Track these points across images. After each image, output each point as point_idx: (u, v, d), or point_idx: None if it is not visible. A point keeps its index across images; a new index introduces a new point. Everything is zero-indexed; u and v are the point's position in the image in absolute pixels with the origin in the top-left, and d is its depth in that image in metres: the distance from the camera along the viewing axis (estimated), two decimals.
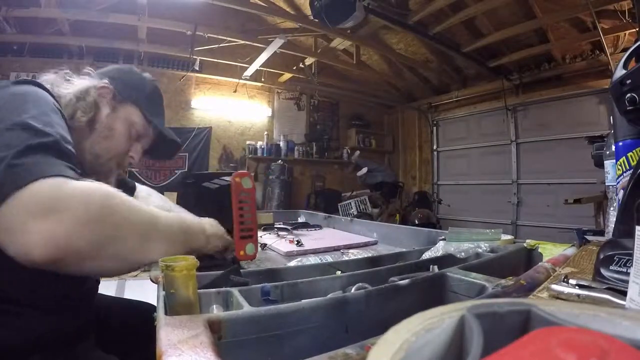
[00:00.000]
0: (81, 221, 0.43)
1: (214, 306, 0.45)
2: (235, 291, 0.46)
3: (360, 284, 0.54)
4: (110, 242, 0.46)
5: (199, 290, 0.44)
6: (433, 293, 0.55)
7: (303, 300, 0.42)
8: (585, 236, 0.81)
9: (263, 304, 0.47)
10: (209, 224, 0.69)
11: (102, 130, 0.75)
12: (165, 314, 0.39)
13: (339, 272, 0.64)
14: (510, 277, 0.53)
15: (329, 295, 0.48)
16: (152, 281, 0.53)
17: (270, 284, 0.51)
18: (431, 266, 0.67)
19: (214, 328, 0.35)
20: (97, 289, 0.82)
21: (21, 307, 0.57)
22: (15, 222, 0.41)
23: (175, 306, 0.40)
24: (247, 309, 0.40)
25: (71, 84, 0.75)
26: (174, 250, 0.56)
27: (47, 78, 0.74)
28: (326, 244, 1.16)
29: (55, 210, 0.42)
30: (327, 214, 1.84)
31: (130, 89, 0.81)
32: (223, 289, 0.47)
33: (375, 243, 1.25)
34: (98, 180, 0.56)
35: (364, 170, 5.58)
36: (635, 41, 0.53)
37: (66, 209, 0.42)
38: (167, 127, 0.89)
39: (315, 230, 1.53)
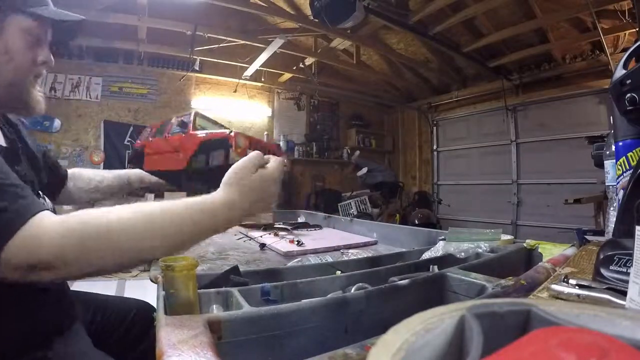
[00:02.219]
0: (68, 268, 0.45)
1: (214, 306, 0.45)
2: (235, 291, 0.46)
3: (360, 284, 0.54)
4: (101, 257, 0.46)
5: (198, 290, 0.44)
6: (433, 293, 0.55)
7: (303, 301, 0.42)
8: (585, 236, 0.81)
9: (263, 304, 0.47)
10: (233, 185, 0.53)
11: None
12: (165, 314, 0.38)
13: (338, 272, 0.64)
14: (511, 277, 0.53)
15: (328, 296, 0.48)
16: (152, 281, 0.53)
17: (270, 284, 0.51)
18: (431, 266, 0.66)
19: (214, 328, 0.35)
20: (68, 285, 0.79)
21: None
22: (6, 275, 0.43)
23: (175, 306, 0.40)
24: (246, 309, 0.40)
25: None
26: (187, 237, 0.49)
27: None
28: (326, 244, 1.16)
29: (39, 268, 0.44)
30: (327, 214, 1.84)
31: None
32: (223, 289, 0.47)
33: (375, 243, 1.25)
34: (19, 99, 0.66)
35: (364, 170, 5.58)
36: (635, 41, 0.53)
37: (49, 267, 0.44)
38: (59, 11, 0.74)
39: (315, 230, 1.53)
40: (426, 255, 0.81)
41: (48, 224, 0.46)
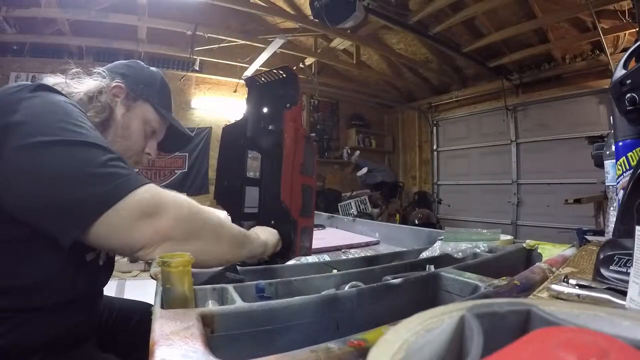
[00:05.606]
0: (177, 219, 0.53)
1: (210, 302, 0.45)
2: (230, 287, 0.46)
3: (354, 282, 0.54)
4: (194, 237, 0.55)
5: (195, 287, 0.44)
6: (426, 292, 0.55)
7: (295, 297, 0.42)
8: (585, 236, 0.81)
9: (257, 300, 0.47)
10: (264, 232, 0.71)
11: (118, 129, 0.76)
12: (162, 308, 0.39)
13: (335, 271, 0.64)
14: (504, 277, 0.53)
15: (321, 293, 0.48)
16: (152, 278, 0.53)
17: (265, 281, 0.51)
18: (427, 266, 0.66)
19: (207, 322, 0.36)
20: (103, 292, 0.81)
21: (29, 312, 0.58)
22: (123, 224, 0.50)
23: (170, 300, 0.41)
24: (239, 304, 0.41)
25: (81, 83, 0.74)
26: (235, 252, 0.62)
27: (56, 81, 0.71)
28: (327, 243, 1.16)
29: (156, 213, 0.52)
30: (330, 214, 1.84)
31: (142, 85, 0.81)
32: (218, 285, 0.48)
33: (377, 243, 1.25)
34: None
35: (364, 170, 5.58)
36: (635, 41, 0.53)
37: (164, 211, 0.52)
38: (177, 120, 0.90)
39: (318, 230, 1.53)
40: (424, 255, 0.81)
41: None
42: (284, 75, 0.76)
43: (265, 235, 0.70)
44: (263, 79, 0.81)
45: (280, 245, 0.73)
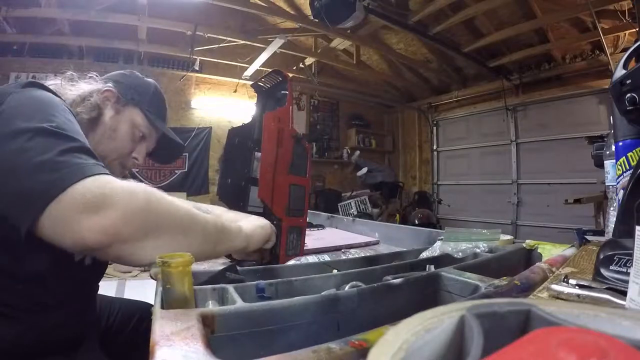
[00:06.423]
0: (127, 213, 0.47)
1: (210, 302, 0.45)
2: (230, 287, 0.46)
3: (354, 282, 0.54)
4: (153, 231, 0.50)
5: (195, 287, 0.44)
6: (426, 292, 0.55)
7: (295, 297, 0.42)
8: (585, 236, 0.81)
9: (258, 300, 0.47)
10: (251, 224, 0.68)
11: (106, 130, 0.77)
12: (162, 308, 0.39)
13: (335, 271, 0.64)
14: (505, 277, 0.53)
15: (322, 293, 0.48)
16: (152, 278, 0.53)
17: (265, 281, 0.51)
18: (427, 266, 0.66)
19: (207, 322, 0.36)
20: (97, 291, 0.81)
21: (20, 311, 0.58)
22: (70, 216, 0.45)
23: (170, 301, 0.41)
24: (239, 304, 0.41)
25: (75, 87, 0.77)
26: (208, 248, 0.58)
27: (53, 82, 0.75)
28: (327, 243, 1.16)
29: (104, 205, 0.46)
30: (329, 214, 1.84)
31: (134, 92, 0.83)
32: (218, 285, 0.48)
33: (376, 243, 1.25)
34: None
35: (364, 170, 5.58)
36: (635, 41, 0.53)
37: (114, 203, 0.46)
38: (169, 129, 0.90)
39: (318, 230, 1.53)
40: (424, 255, 0.81)
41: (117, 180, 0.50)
42: (280, 79, 0.81)
43: (251, 227, 0.66)
44: (267, 84, 0.84)
45: (274, 240, 0.72)
